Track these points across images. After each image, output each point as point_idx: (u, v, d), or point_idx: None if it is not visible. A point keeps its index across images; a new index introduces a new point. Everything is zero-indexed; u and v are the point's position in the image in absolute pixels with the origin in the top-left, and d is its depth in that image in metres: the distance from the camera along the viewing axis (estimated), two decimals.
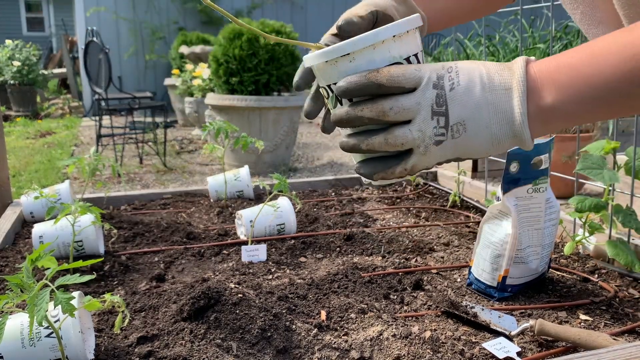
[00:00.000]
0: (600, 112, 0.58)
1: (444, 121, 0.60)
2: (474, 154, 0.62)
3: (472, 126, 0.60)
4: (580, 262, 1.38)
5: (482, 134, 0.60)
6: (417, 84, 0.61)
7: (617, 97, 0.55)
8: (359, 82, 0.61)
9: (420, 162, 0.63)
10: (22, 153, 4.69)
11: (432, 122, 0.61)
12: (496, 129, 0.59)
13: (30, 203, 1.69)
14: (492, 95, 0.59)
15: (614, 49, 0.55)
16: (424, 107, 0.60)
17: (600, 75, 0.55)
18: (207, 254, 1.42)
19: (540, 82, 0.59)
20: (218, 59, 3.70)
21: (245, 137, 1.79)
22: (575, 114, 0.58)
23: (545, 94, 0.58)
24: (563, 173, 1.75)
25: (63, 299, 0.75)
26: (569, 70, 0.57)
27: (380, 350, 0.93)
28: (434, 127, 0.61)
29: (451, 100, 0.60)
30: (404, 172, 0.64)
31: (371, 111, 0.62)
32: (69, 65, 9.05)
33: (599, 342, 0.91)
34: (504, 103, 0.58)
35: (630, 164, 1.34)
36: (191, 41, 6.63)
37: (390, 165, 0.64)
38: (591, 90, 0.55)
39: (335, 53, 0.64)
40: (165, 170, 3.99)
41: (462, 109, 0.59)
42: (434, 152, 0.62)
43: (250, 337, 0.94)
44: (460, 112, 0.60)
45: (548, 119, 0.59)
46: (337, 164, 4.18)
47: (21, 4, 16.79)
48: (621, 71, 0.54)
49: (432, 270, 1.32)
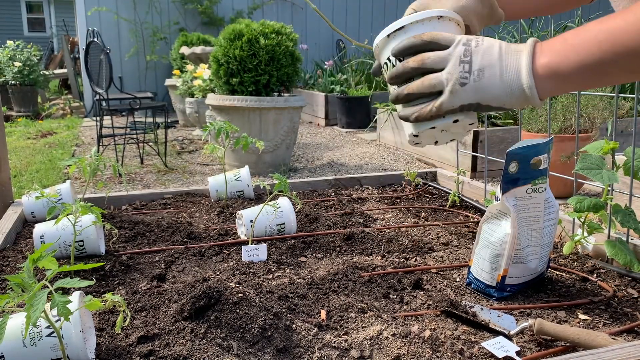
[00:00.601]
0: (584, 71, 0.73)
1: (469, 67, 0.77)
2: (491, 100, 0.77)
3: (489, 73, 0.76)
4: (579, 261, 1.38)
5: (496, 80, 0.76)
6: (451, 44, 0.80)
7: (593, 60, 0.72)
8: (409, 40, 0.83)
9: (447, 100, 0.79)
10: (23, 153, 4.69)
11: (459, 67, 0.78)
12: (507, 77, 0.76)
13: (32, 203, 1.70)
14: (506, 54, 0.77)
15: (592, 27, 0.73)
16: (453, 56, 0.79)
17: (581, 43, 0.73)
18: (208, 253, 1.42)
19: (542, 49, 0.77)
20: (219, 59, 3.71)
21: (245, 137, 1.80)
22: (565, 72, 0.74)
23: (544, 56, 0.76)
24: (562, 173, 1.75)
25: (60, 302, 0.76)
26: (562, 40, 0.76)
27: (380, 350, 0.94)
28: (460, 71, 0.78)
29: (475, 53, 0.78)
30: (433, 109, 0.80)
31: (414, 61, 0.81)
32: (70, 65, 9.06)
33: (598, 341, 0.92)
34: (515, 60, 0.76)
35: (629, 164, 1.34)
36: (192, 42, 6.63)
37: (423, 105, 0.82)
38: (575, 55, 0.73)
39: (393, 27, 0.86)
40: (166, 170, 3.99)
41: (482, 59, 0.77)
42: (459, 93, 0.78)
43: (250, 336, 0.95)
44: (481, 61, 0.77)
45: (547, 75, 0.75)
46: (337, 164, 4.19)
47: (22, 4, 16.81)
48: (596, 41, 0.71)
49: (431, 269, 1.32)
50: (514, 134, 3.48)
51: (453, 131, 0.87)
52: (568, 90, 0.80)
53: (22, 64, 7.44)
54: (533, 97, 0.76)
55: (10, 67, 7.42)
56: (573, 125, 2.90)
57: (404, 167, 3.96)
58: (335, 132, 5.84)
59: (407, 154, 4.45)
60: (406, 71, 0.82)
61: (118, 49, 7.67)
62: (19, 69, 7.40)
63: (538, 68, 0.75)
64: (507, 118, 3.80)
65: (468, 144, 3.48)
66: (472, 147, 3.43)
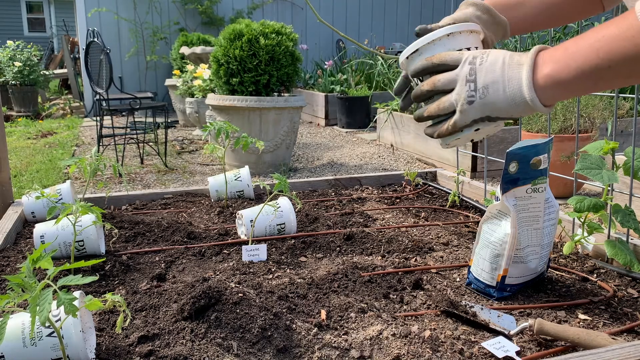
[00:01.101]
0: (583, 78, 0.76)
1: (474, 86, 0.83)
2: (499, 113, 0.83)
3: (493, 89, 0.81)
4: (579, 261, 1.38)
5: (500, 95, 0.81)
6: (458, 63, 0.86)
7: (591, 67, 0.74)
8: (422, 63, 0.90)
9: (459, 118, 0.86)
10: (23, 153, 4.69)
11: (465, 87, 0.84)
12: (510, 92, 0.80)
13: (32, 203, 1.70)
14: (509, 68, 0.81)
15: (590, 35, 0.76)
16: (460, 77, 0.85)
17: (580, 51, 0.76)
18: (208, 253, 1.42)
19: (544, 59, 0.80)
20: (219, 59, 3.71)
21: (245, 137, 1.80)
22: (565, 80, 0.77)
23: (546, 66, 0.79)
24: (562, 173, 1.75)
25: (66, 300, 0.76)
26: (563, 49, 0.79)
27: (380, 350, 0.94)
28: (466, 91, 0.83)
29: (479, 71, 0.83)
30: (449, 128, 0.88)
31: (427, 84, 0.89)
32: (70, 65, 9.05)
33: (598, 341, 0.92)
34: (517, 73, 0.80)
35: (629, 164, 1.34)
36: (192, 42, 6.63)
37: (441, 124, 0.90)
38: (574, 62, 0.76)
39: (409, 51, 0.94)
40: (166, 170, 3.99)
41: (486, 77, 0.82)
42: (468, 110, 0.84)
43: (250, 336, 0.95)
44: (484, 79, 0.82)
45: (549, 84, 0.78)
46: (337, 164, 4.19)
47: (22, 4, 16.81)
48: (593, 49, 0.74)
49: (431, 269, 1.32)
50: (514, 134, 3.48)
51: (481, 133, 0.92)
52: (571, 96, 0.84)
53: (22, 64, 7.44)
54: (537, 107, 0.80)
55: (11, 67, 7.42)
56: (573, 125, 2.90)
57: (404, 167, 3.96)
58: (335, 132, 5.84)
59: (407, 154, 4.45)
60: (423, 93, 0.90)
61: (118, 49, 7.67)
62: (19, 69, 7.40)
63: (539, 79, 0.79)
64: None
65: (468, 144, 3.48)
66: (472, 147, 3.43)
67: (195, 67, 5.43)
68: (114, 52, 7.21)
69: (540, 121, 2.98)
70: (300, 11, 8.52)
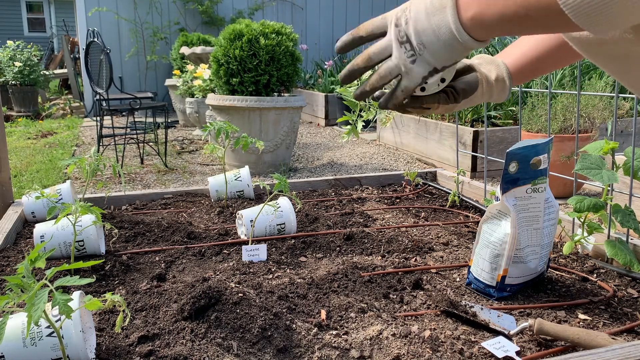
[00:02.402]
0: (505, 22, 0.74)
1: (409, 46, 0.80)
2: (444, 61, 0.80)
3: (428, 41, 0.79)
4: (579, 261, 1.38)
5: (437, 44, 0.79)
6: (385, 29, 0.82)
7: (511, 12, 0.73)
8: (346, 37, 0.85)
9: (409, 80, 0.82)
10: (23, 153, 4.70)
11: (402, 49, 0.80)
12: (444, 37, 0.78)
13: (32, 203, 1.70)
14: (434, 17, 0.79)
15: None
16: (393, 41, 0.81)
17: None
18: (208, 253, 1.42)
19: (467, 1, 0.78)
20: (219, 59, 3.71)
21: (245, 137, 1.80)
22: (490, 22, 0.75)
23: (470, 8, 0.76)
24: (562, 173, 1.75)
25: (61, 300, 0.76)
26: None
27: (380, 350, 0.94)
28: (404, 52, 0.80)
29: (408, 30, 0.80)
30: (401, 93, 0.83)
31: (362, 59, 0.84)
32: (70, 65, 9.06)
33: (598, 341, 0.92)
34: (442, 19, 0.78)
35: (628, 164, 1.34)
36: (192, 42, 6.63)
37: (391, 92, 0.85)
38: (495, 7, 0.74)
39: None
40: (166, 170, 3.99)
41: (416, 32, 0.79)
42: (414, 69, 0.81)
43: (250, 336, 0.95)
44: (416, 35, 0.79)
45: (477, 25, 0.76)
46: (337, 164, 4.19)
47: (22, 4, 16.81)
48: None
49: (431, 269, 1.32)
50: (514, 134, 3.48)
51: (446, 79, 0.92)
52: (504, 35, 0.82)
53: (22, 64, 7.44)
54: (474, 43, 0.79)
55: (11, 67, 7.42)
56: (573, 125, 2.90)
57: (404, 167, 3.96)
58: (335, 132, 5.84)
59: (407, 154, 4.45)
60: (359, 69, 0.84)
61: (118, 49, 7.67)
62: (19, 69, 7.40)
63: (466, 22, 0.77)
64: (507, 118, 3.81)
65: (468, 144, 3.48)
66: (472, 147, 3.43)
67: (195, 67, 5.43)
68: (114, 52, 7.22)
69: (540, 121, 2.98)
70: (300, 11, 8.52)
